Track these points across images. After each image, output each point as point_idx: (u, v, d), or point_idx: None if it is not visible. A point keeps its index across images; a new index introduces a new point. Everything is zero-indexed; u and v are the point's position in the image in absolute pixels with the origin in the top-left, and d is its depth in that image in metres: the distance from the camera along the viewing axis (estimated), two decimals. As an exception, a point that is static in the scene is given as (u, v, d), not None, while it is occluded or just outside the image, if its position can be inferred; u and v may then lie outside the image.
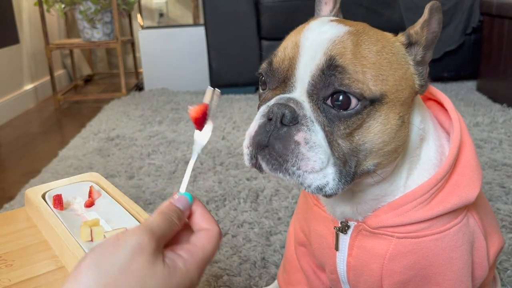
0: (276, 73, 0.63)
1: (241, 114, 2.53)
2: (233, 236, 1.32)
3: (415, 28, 0.64)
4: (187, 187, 0.60)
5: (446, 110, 0.73)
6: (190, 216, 0.58)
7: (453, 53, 2.88)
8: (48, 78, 3.28)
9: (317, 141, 0.58)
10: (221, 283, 1.12)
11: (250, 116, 2.47)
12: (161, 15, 3.92)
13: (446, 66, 2.93)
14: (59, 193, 0.83)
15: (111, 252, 0.47)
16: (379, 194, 0.68)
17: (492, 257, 0.74)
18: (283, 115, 0.58)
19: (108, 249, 0.48)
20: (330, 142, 0.58)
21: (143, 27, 3.47)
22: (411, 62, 0.64)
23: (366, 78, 0.58)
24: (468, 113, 2.35)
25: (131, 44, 3.63)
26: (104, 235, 0.72)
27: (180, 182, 1.73)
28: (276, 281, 1.02)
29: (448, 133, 0.72)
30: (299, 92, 0.61)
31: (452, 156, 0.67)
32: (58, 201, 0.82)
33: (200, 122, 0.62)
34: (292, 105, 0.59)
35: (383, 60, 0.60)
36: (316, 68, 0.59)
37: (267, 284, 1.11)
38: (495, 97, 2.58)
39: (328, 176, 0.58)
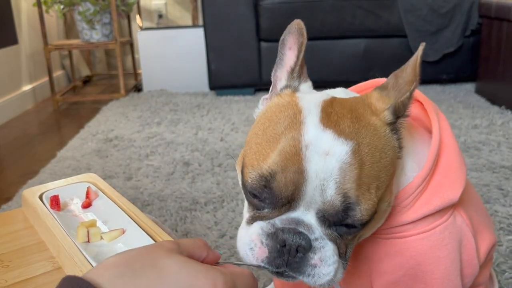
0: (278, 197, 0.59)
1: (239, 115, 2.53)
2: (231, 238, 1.31)
3: (403, 99, 0.61)
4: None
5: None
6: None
7: (451, 55, 2.88)
8: (46, 79, 3.27)
9: (330, 254, 0.60)
10: (218, 284, 1.12)
11: (248, 117, 2.47)
12: (160, 16, 3.92)
13: (444, 68, 2.94)
14: (56, 194, 0.83)
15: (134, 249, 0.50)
16: None
17: (483, 255, 0.74)
18: (298, 246, 0.58)
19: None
20: (340, 247, 0.61)
21: (142, 28, 3.47)
22: (396, 143, 0.63)
23: (370, 194, 0.58)
24: (466, 115, 2.36)
25: (130, 45, 3.63)
26: (101, 236, 0.72)
27: (178, 184, 1.74)
28: (273, 283, 1.02)
29: (430, 132, 0.72)
30: (305, 210, 0.59)
31: (432, 159, 0.67)
32: (55, 202, 0.82)
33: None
34: (303, 231, 0.58)
35: (381, 168, 0.60)
36: (331, 206, 0.57)
37: (265, 286, 1.11)
38: (494, 100, 2.58)
39: (337, 276, 0.61)
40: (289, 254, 0.58)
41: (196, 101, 2.86)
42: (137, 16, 3.69)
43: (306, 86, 0.70)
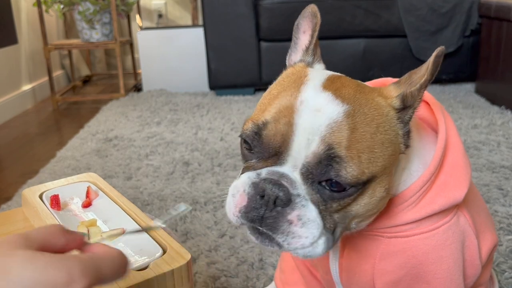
0: (266, 146, 0.60)
1: (239, 115, 2.53)
2: (231, 237, 1.31)
3: (412, 90, 0.61)
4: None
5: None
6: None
7: (451, 55, 2.88)
8: (46, 78, 3.27)
9: (311, 217, 0.58)
10: (218, 284, 1.12)
11: (248, 117, 2.46)
12: (160, 16, 3.92)
13: (444, 68, 2.94)
14: (56, 193, 0.83)
15: None
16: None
17: (485, 255, 0.74)
18: (276, 197, 0.57)
19: None
20: (324, 216, 0.59)
21: (142, 28, 3.47)
22: (400, 131, 0.63)
23: (361, 162, 0.58)
24: (466, 115, 2.36)
25: (130, 45, 3.63)
26: (101, 236, 0.72)
27: (178, 183, 1.73)
28: (273, 282, 1.02)
29: (436, 132, 0.72)
30: (291, 167, 0.59)
31: (437, 158, 0.67)
32: (55, 201, 0.82)
33: None
34: (285, 183, 0.58)
35: (376, 142, 0.59)
36: (313, 156, 0.57)
37: (265, 285, 1.11)
38: (494, 100, 2.58)
39: (318, 248, 0.59)
40: (266, 206, 0.58)
41: (196, 101, 2.86)
42: (137, 16, 3.69)
43: (320, 67, 0.72)
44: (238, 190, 0.61)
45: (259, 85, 2.98)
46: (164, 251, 0.65)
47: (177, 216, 0.64)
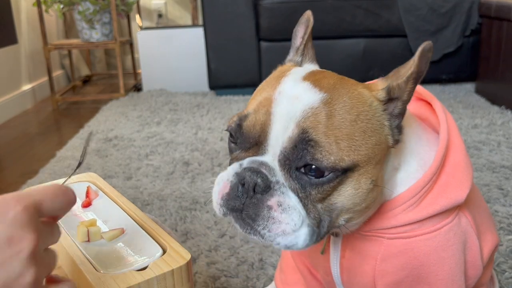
0: (247, 136, 0.62)
1: (239, 115, 2.53)
2: (231, 237, 1.31)
3: (399, 82, 0.61)
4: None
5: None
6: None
7: (451, 55, 2.88)
8: (46, 78, 3.27)
9: (291, 203, 0.58)
10: (218, 284, 1.12)
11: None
12: (160, 16, 3.92)
13: (444, 68, 2.94)
14: (56, 193, 0.83)
15: None
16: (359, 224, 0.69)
17: (486, 256, 0.74)
18: (255, 184, 0.58)
19: None
20: (305, 205, 0.59)
21: (141, 28, 3.47)
22: (387, 122, 0.63)
23: (339, 149, 0.58)
24: (466, 115, 2.36)
25: (130, 45, 3.63)
26: (102, 236, 0.72)
27: (178, 183, 1.73)
28: (273, 282, 1.02)
29: (438, 133, 0.72)
30: (271, 156, 0.60)
31: (439, 158, 0.67)
32: (55, 201, 0.81)
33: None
34: (264, 171, 0.59)
35: (357, 129, 0.59)
36: (288, 141, 0.58)
37: (265, 285, 1.11)
38: (494, 99, 2.58)
39: (299, 237, 0.59)
40: (247, 193, 0.59)
41: (196, 101, 2.86)
42: (137, 16, 3.69)
43: (312, 66, 0.72)
44: (222, 179, 0.62)
45: (259, 85, 2.97)
46: (164, 251, 0.65)
47: (88, 142, 0.65)
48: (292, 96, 0.60)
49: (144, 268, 0.61)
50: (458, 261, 0.69)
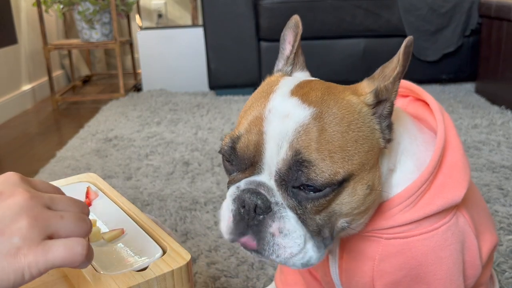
0: (242, 158, 0.62)
1: (239, 115, 2.52)
2: (231, 238, 1.31)
3: (386, 84, 0.61)
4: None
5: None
6: None
7: (451, 55, 2.88)
8: (46, 78, 3.27)
9: (291, 227, 0.59)
10: (218, 284, 1.12)
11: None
12: (159, 16, 3.92)
13: (444, 68, 2.94)
14: (56, 193, 0.83)
15: None
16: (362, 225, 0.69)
17: (485, 256, 0.74)
18: (256, 206, 0.59)
19: None
20: (304, 221, 0.60)
21: (141, 28, 3.47)
22: (377, 126, 0.63)
23: (333, 162, 0.58)
24: (466, 115, 2.36)
25: (130, 45, 3.63)
26: (101, 236, 0.72)
27: (178, 183, 1.73)
28: (273, 282, 1.02)
29: (435, 133, 0.72)
30: (268, 175, 0.60)
31: (436, 158, 0.67)
32: (55, 202, 0.81)
33: None
34: (263, 192, 0.60)
35: (349, 140, 0.60)
36: (283, 163, 0.58)
37: (265, 286, 1.11)
38: (494, 99, 2.58)
39: (308, 252, 0.60)
40: (248, 215, 0.59)
41: (195, 101, 2.86)
42: (137, 16, 3.69)
43: (302, 75, 0.72)
44: (224, 212, 0.63)
45: (259, 85, 2.97)
46: (164, 252, 0.65)
47: None
48: (282, 114, 0.60)
49: (144, 269, 0.61)
50: (456, 260, 0.69)
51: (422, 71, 2.92)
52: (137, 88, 3.35)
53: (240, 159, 0.62)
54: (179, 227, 1.38)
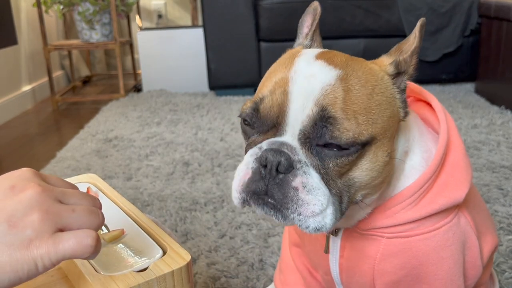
0: (265, 119, 0.62)
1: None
2: (231, 238, 1.31)
3: (405, 56, 0.64)
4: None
5: (435, 110, 0.74)
6: None
7: (451, 55, 2.88)
8: (46, 79, 3.27)
9: (315, 184, 0.58)
10: (218, 284, 1.12)
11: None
12: (159, 16, 3.92)
13: (444, 68, 2.94)
14: (56, 194, 0.83)
15: None
16: (365, 212, 0.69)
17: (486, 256, 0.74)
18: (279, 163, 0.58)
19: None
20: (327, 182, 0.59)
21: (141, 29, 3.47)
22: (397, 96, 0.65)
23: (358, 123, 0.58)
24: (466, 115, 2.36)
25: (130, 45, 3.63)
26: (102, 237, 0.72)
27: (178, 184, 1.73)
28: (273, 283, 1.02)
29: (437, 133, 0.73)
30: (291, 136, 0.60)
31: (439, 157, 0.67)
32: (55, 202, 0.81)
33: None
34: (286, 150, 0.59)
35: (373, 103, 0.60)
36: (308, 119, 0.58)
37: (265, 286, 1.11)
38: (493, 99, 2.58)
39: (327, 217, 0.59)
40: (270, 174, 0.58)
41: (195, 101, 2.86)
42: (137, 16, 3.69)
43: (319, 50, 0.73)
44: (242, 168, 0.61)
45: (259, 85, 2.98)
46: (164, 252, 0.65)
47: None
48: (308, 74, 0.60)
49: (145, 269, 0.61)
50: (457, 261, 0.69)
51: (422, 71, 2.86)
52: (137, 89, 3.35)
53: (263, 121, 0.62)
54: (179, 228, 1.38)
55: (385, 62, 0.65)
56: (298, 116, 0.59)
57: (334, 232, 0.73)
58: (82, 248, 0.50)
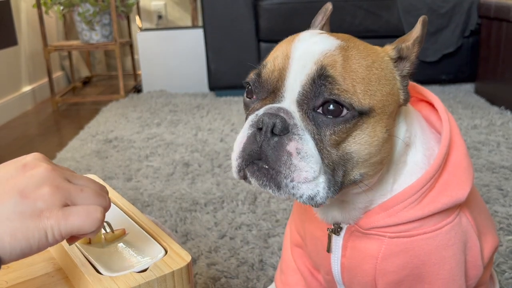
0: (265, 84, 0.63)
1: (239, 116, 2.53)
2: (231, 238, 1.31)
3: (407, 43, 0.66)
4: None
5: (437, 110, 0.74)
6: None
7: (451, 55, 2.89)
8: (46, 80, 3.27)
9: (309, 150, 0.58)
10: (219, 285, 1.12)
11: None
12: (159, 17, 3.92)
13: (444, 69, 2.94)
14: (56, 195, 0.83)
15: None
16: (367, 201, 0.69)
17: (487, 257, 0.74)
18: (273, 125, 0.58)
19: None
20: (320, 150, 0.59)
21: (141, 29, 3.47)
22: (398, 78, 0.66)
23: (355, 91, 0.59)
24: (466, 116, 2.36)
25: (130, 46, 3.63)
26: (103, 237, 0.72)
27: (178, 184, 1.73)
28: (273, 283, 1.02)
29: (439, 134, 0.73)
30: (289, 102, 0.61)
31: (441, 156, 0.67)
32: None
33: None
34: (282, 114, 0.59)
35: (372, 75, 0.61)
36: (307, 78, 0.59)
37: (265, 286, 1.11)
38: (493, 100, 2.58)
39: (319, 185, 0.59)
40: (265, 136, 0.59)
41: (195, 102, 2.86)
42: (137, 17, 3.69)
43: None
44: (239, 137, 0.63)
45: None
46: (165, 253, 0.65)
47: None
48: (311, 42, 0.63)
49: (145, 270, 0.62)
50: (458, 260, 0.69)
51: (421, 72, 2.90)
52: (137, 89, 3.35)
53: (263, 85, 0.63)
54: (179, 228, 1.38)
55: (388, 47, 0.67)
56: (297, 77, 0.60)
57: (336, 231, 0.73)
58: (91, 221, 0.53)
